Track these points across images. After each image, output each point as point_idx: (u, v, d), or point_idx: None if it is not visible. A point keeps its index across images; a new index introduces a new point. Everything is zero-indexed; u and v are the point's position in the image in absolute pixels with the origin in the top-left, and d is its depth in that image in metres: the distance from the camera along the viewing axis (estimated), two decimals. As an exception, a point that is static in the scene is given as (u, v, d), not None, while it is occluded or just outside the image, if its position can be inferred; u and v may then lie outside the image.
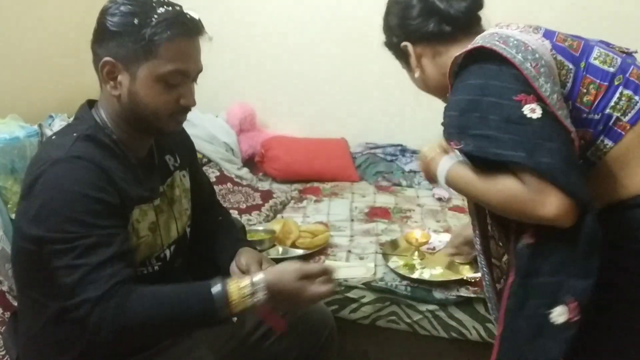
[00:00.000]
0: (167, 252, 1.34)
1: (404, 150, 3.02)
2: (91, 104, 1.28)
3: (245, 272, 1.34)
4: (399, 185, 2.84)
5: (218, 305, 1.09)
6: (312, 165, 2.87)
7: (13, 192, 1.69)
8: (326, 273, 1.20)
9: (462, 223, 1.57)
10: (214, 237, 1.49)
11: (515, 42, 1.08)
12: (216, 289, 1.10)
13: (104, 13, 1.17)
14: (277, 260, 1.97)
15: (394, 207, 2.54)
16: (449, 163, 1.20)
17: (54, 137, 1.25)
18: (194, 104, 1.24)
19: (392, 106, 2.99)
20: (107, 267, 1.07)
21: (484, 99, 1.06)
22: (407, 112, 2.97)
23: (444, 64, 1.22)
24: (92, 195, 1.10)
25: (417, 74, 1.28)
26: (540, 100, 1.04)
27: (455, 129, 1.10)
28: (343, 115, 3.07)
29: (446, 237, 2.09)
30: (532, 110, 1.02)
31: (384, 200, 2.64)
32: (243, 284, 1.11)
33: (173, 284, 1.15)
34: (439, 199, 2.64)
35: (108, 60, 1.16)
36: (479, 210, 1.32)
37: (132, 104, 1.19)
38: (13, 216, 1.61)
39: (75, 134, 1.18)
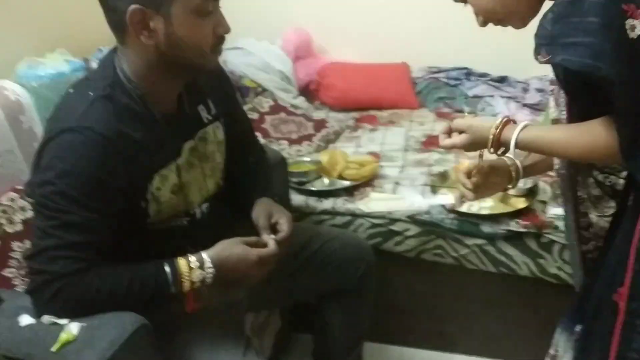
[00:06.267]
0: (198, 210, 1.33)
1: (469, 73, 2.83)
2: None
3: (255, 226, 1.34)
4: (461, 111, 2.68)
5: (170, 279, 1.13)
6: (370, 93, 2.76)
7: (60, 126, 1.75)
8: (262, 243, 1.26)
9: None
10: (241, 184, 1.47)
11: None
12: (168, 264, 1.14)
13: None
14: (324, 193, 1.96)
15: (453, 135, 2.42)
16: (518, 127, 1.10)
17: (71, 90, 1.22)
18: (229, 29, 1.19)
19: (456, 26, 2.76)
20: (78, 249, 1.08)
21: (586, 0, 0.89)
22: (473, 32, 2.72)
23: None
24: (91, 174, 1.10)
25: None
26: None
27: (545, 39, 0.96)
28: (404, 38, 2.89)
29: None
30: (632, 28, 0.86)
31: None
32: (191, 258, 1.16)
33: (133, 264, 1.15)
34: (503, 126, 2.48)
35: (135, 8, 1.08)
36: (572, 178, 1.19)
37: (173, 48, 1.13)
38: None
39: (91, 93, 1.15)
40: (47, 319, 1.06)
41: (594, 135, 0.98)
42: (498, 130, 1.16)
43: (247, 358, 1.24)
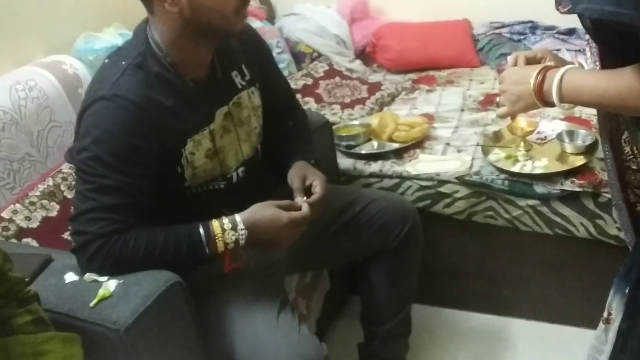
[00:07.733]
0: (235, 174, 1.37)
1: (534, 27, 2.67)
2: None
3: (291, 188, 1.35)
4: (525, 68, 2.55)
5: (204, 240, 1.17)
6: (428, 52, 2.67)
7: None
8: (295, 206, 1.27)
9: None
10: (279, 147, 1.48)
11: None
12: (203, 226, 1.19)
13: None
14: (372, 156, 1.94)
15: (513, 93, 2.31)
16: (560, 72, 1.00)
17: (107, 61, 1.26)
18: None
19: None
20: (114, 211, 1.14)
21: None
22: (539, -18, 2.60)
23: None
24: (123, 140, 1.15)
25: None
26: None
27: None
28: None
29: (561, 125, 1.88)
30: None
31: (504, 86, 2.40)
32: (225, 220, 1.20)
33: (170, 226, 1.19)
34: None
35: None
36: (612, 134, 1.11)
37: (196, 13, 1.15)
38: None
39: (124, 63, 1.19)
40: (88, 276, 1.13)
41: (627, 82, 0.91)
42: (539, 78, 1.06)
43: (282, 316, 1.26)
